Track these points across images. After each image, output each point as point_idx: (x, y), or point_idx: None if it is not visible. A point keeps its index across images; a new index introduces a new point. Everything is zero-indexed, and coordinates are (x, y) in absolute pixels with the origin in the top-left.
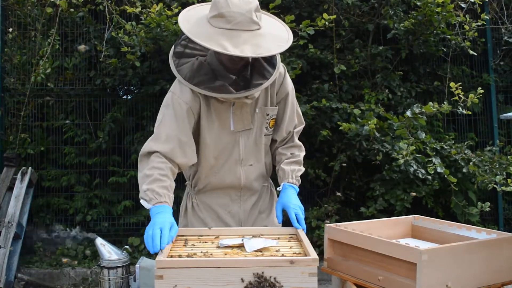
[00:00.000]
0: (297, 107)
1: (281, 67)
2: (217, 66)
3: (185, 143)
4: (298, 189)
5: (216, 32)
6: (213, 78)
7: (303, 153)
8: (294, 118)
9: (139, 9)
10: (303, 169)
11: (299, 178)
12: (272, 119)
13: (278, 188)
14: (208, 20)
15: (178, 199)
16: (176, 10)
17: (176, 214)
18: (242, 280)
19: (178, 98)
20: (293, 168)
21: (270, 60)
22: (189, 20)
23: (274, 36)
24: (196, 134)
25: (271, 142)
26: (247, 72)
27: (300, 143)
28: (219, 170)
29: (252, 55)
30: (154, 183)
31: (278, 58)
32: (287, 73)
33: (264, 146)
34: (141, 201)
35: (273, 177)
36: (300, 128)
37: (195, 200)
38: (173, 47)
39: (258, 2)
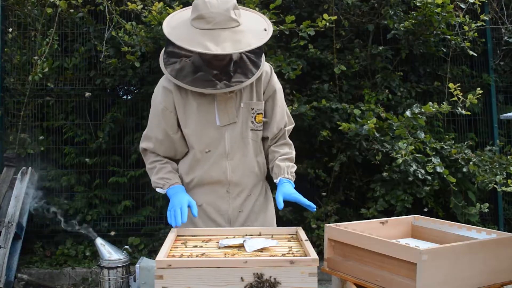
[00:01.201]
0: (287, 109)
1: (267, 66)
2: (200, 63)
3: (162, 140)
4: (294, 185)
5: (198, 33)
6: (195, 73)
7: (294, 152)
8: (285, 116)
9: (140, 6)
10: (295, 166)
11: (294, 174)
12: (258, 114)
13: (275, 180)
14: (191, 23)
15: None
16: (178, 9)
17: None
18: (242, 280)
19: (155, 99)
20: (287, 164)
21: (254, 60)
22: (172, 25)
23: (253, 30)
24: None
25: (263, 141)
26: (229, 68)
27: (291, 142)
28: (205, 164)
29: (233, 51)
30: (160, 172)
31: (263, 59)
32: (273, 72)
33: (252, 142)
34: (157, 189)
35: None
36: (290, 127)
37: None
38: (164, 48)
39: (235, 0)
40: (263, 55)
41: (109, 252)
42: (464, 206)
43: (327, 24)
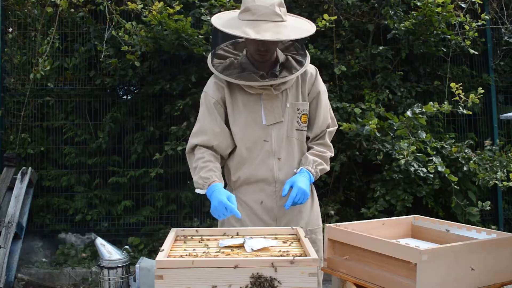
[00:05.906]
0: (331, 110)
1: (312, 68)
2: (248, 65)
3: (218, 133)
4: (313, 180)
5: (242, 23)
6: (241, 71)
7: (330, 154)
8: (328, 118)
9: (141, 6)
10: (326, 167)
11: (318, 171)
12: (303, 114)
13: (294, 170)
14: (238, 16)
15: None
16: (177, 8)
17: None
18: (242, 280)
19: (207, 95)
20: (315, 159)
21: (300, 61)
22: (221, 19)
23: (296, 27)
24: (228, 124)
25: (306, 140)
26: (275, 69)
27: (330, 144)
28: (252, 162)
29: (271, 39)
30: (200, 172)
31: (307, 60)
32: (318, 74)
33: (297, 142)
34: (197, 191)
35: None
36: (333, 129)
37: None
38: (211, 50)
39: None
40: (308, 56)
41: (109, 252)
42: (465, 206)
43: (327, 24)
